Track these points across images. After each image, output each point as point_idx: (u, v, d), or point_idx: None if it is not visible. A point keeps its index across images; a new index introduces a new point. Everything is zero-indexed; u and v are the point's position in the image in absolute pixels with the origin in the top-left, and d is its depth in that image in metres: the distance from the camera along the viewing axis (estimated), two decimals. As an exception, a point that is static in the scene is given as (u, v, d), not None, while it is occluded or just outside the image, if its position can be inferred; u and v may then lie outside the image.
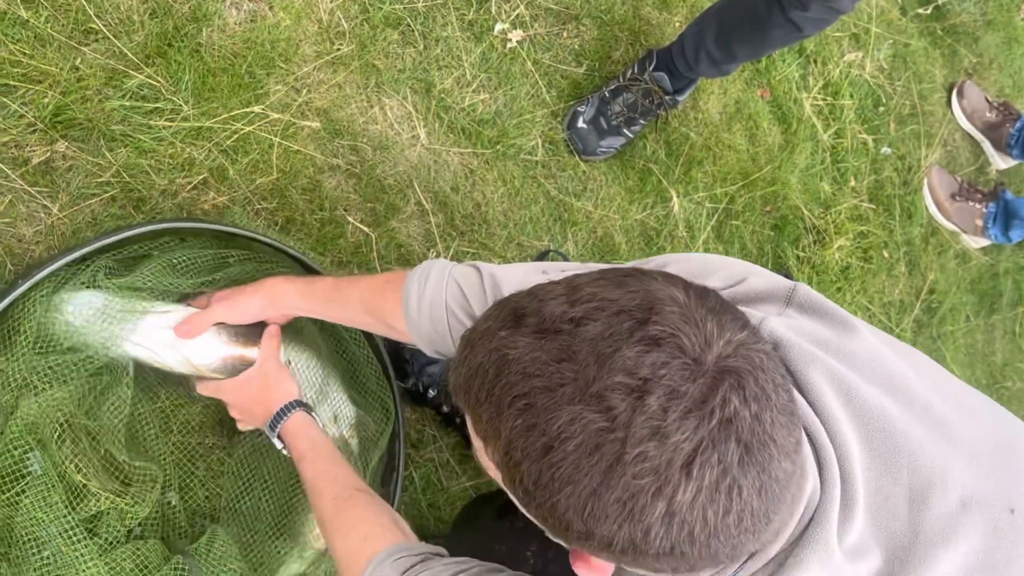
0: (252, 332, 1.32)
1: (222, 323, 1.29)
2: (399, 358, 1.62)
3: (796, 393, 0.79)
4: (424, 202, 1.70)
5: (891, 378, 0.85)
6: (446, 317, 1.10)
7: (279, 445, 1.28)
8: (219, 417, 1.45)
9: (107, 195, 1.36)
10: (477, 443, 0.73)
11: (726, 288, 0.91)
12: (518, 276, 1.07)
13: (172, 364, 1.28)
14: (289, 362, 1.37)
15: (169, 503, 1.37)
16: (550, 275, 1.02)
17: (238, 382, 1.30)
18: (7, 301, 1.20)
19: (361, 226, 1.63)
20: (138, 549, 1.24)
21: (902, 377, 0.86)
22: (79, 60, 1.35)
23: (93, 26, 1.36)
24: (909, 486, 0.80)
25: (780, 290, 0.90)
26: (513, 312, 0.70)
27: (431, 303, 1.11)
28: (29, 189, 1.31)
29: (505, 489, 0.72)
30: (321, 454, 1.23)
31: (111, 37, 1.37)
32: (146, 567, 1.23)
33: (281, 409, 1.27)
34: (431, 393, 1.63)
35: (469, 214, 1.76)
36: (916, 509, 0.80)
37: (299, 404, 1.28)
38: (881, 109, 2.43)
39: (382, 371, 1.53)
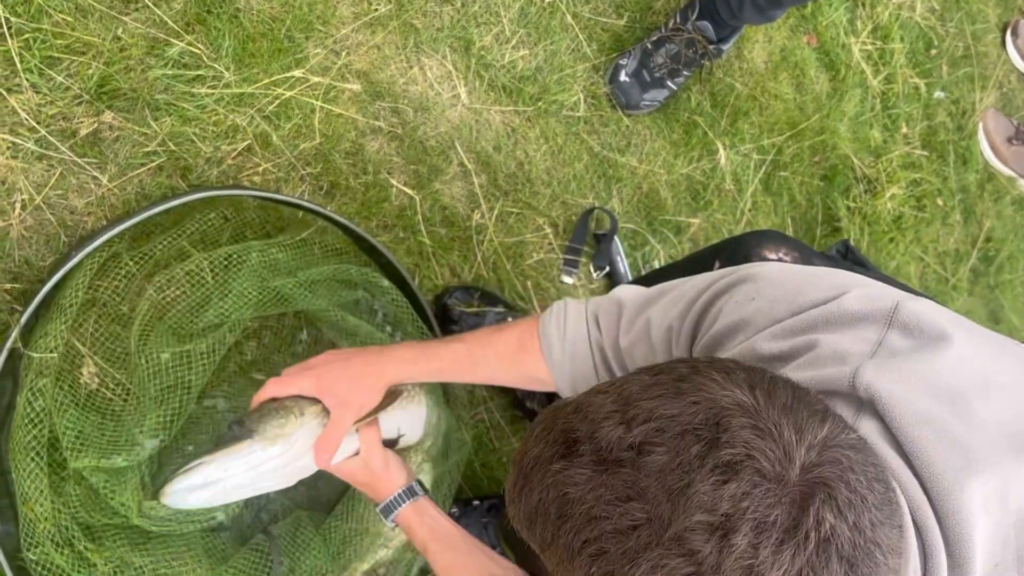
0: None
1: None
2: (446, 319, 1.61)
3: (900, 466, 0.73)
4: (467, 162, 1.68)
5: (1000, 406, 0.76)
6: (591, 353, 1.09)
7: (391, 526, 1.22)
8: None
9: (154, 164, 1.37)
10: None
11: (820, 305, 0.83)
12: (639, 300, 1.05)
13: (303, 476, 1.18)
14: (400, 435, 1.29)
15: None
16: (668, 294, 1.01)
17: (348, 472, 1.21)
18: (63, 271, 1.22)
19: (405, 189, 1.62)
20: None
21: (1010, 399, 0.77)
22: (120, 30, 1.35)
23: (133, -5, 1.36)
24: (1017, 547, 0.73)
25: (880, 310, 0.80)
26: (564, 437, 0.64)
27: (573, 342, 1.09)
28: (79, 160, 1.32)
29: None
30: (443, 542, 1.17)
31: (151, 5, 1.37)
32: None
33: (391, 501, 1.19)
34: None
35: (512, 173, 1.74)
36: None
37: (409, 494, 1.19)
38: (933, 52, 2.35)
39: (429, 332, 1.53)
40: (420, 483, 1.23)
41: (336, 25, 1.55)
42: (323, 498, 1.48)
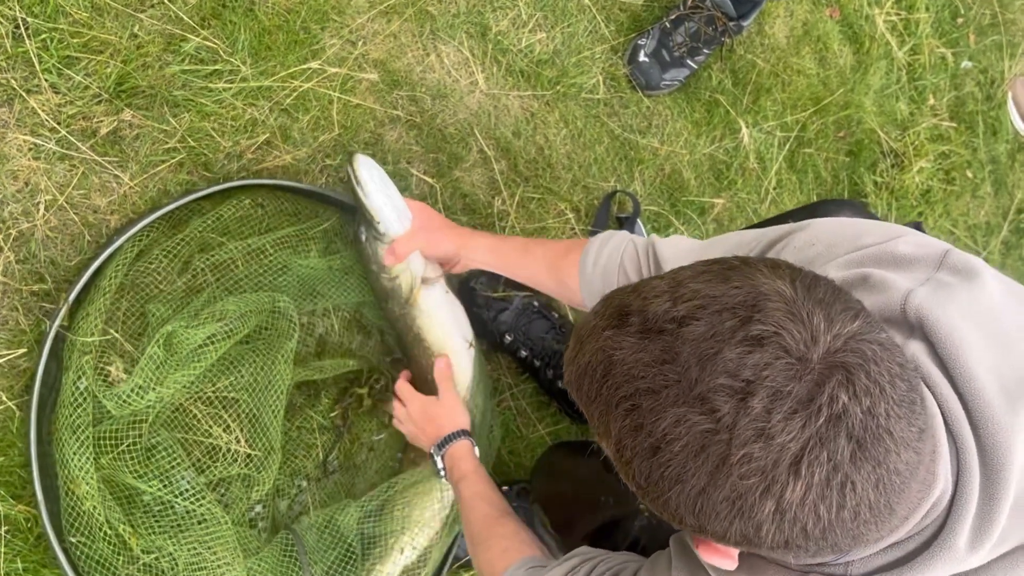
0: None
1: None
2: (472, 303, 1.61)
3: (942, 381, 0.77)
4: (486, 149, 1.67)
5: None
6: (617, 276, 1.18)
7: (439, 465, 1.39)
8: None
9: (174, 160, 1.37)
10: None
11: (876, 245, 0.88)
12: (690, 245, 1.13)
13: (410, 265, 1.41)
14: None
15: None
16: (710, 252, 1.06)
17: (423, 402, 1.44)
18: (107, 253, 1.25)
19: (425, 178, 1.61)
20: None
21: None
22: (137, 27, 1.35)
23: (147, -9, 1.35)
24: None
25: (931, 255, 0.85)
26: (618, 310, 0.70)
27: (607, 260, 1.19)
28: (100, 159, 1.32)
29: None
30: (481, 478, 1.34)
31: (166, 1, 1.37)
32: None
33: (452, 434, 1.39)
34: (507, 339, 1.63)
35: (532, 159, 1.73)
36: None
37: (467, 434, 1.41)
38: (959, 20, 2.30)
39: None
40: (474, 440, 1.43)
41: (351, 15, 1.54)
42: (359, 493, 1.49)
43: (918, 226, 1.43)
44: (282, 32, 1.46)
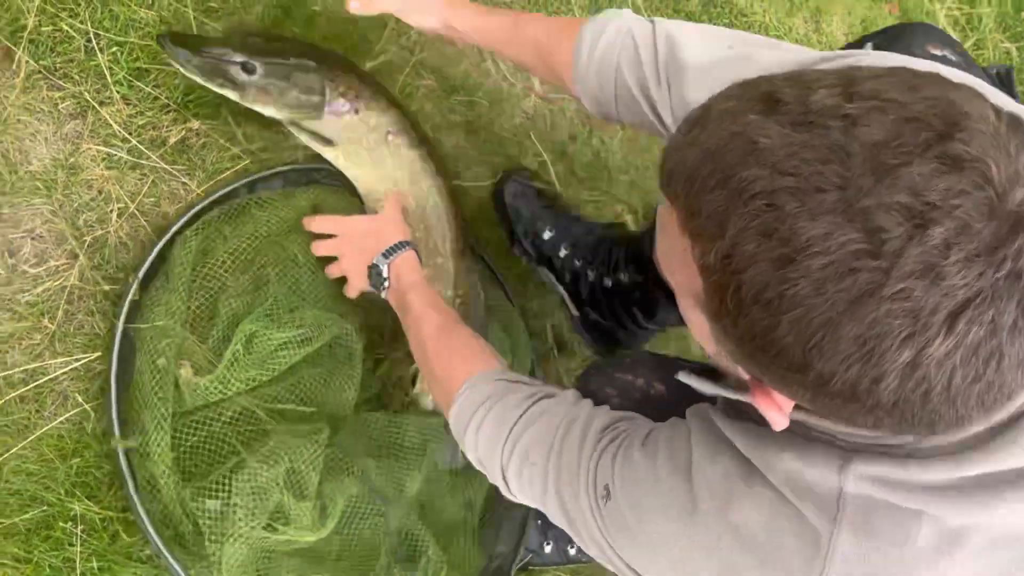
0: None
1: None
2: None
3: None
4: (543, 153, 1.68)
5: None
6: (614, 78, 1.04)
7: (385, 274, 1.30)
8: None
9: (239, 167, 1.40)
10: (677, 244, 0.63)
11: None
12: (697, 42, 0.97)
13: None
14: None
15: None
16: (735, 50, 0.94)
17: (360, 221, 1.35)
18: (170, 233, 1.32)
19: (482, 184, 1.62)
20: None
21: None
22: (203, 39, 1.39)
23: (212, 4, 1.39)
24: None
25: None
26: (766, 95, 0.58)
27: (601, 59, 1.05)
28: (169, 168, 1.36)
29: (691, 299, 0.64)
30: (429, 289, 1.27)
31: (231, 13, 1.40)
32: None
33: (400, 243, 1.31)
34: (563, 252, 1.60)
35: (589, 162, 1.72)
36: None
37: (412, 245, 1.33)
38: (1024, 14, 2.24)
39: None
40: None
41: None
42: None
43: (1008, 70, 1.31)
44: (341, 42, 1.49)
